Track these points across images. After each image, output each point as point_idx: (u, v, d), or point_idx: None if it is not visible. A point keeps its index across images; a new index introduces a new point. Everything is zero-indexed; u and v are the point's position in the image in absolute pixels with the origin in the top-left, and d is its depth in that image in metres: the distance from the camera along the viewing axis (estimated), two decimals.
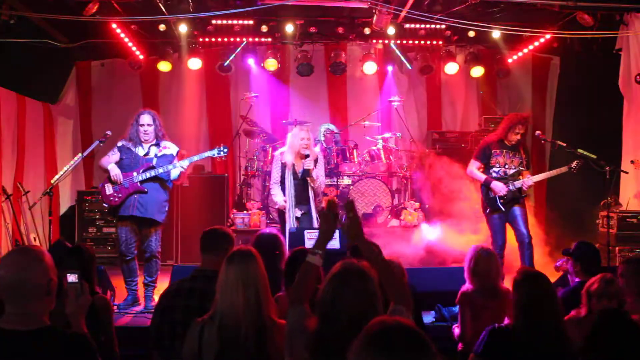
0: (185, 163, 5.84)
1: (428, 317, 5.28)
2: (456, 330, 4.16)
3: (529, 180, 6.19)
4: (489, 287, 3.97)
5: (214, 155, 6.13)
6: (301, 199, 6.35)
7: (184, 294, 3.29)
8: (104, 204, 6.05)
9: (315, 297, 2.45)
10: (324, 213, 2.74)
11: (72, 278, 2.51)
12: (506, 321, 3.28)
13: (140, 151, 5.88)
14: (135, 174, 5.75)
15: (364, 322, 2.25)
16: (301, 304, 2.55)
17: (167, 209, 6.00)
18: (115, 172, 5.73)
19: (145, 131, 5.84)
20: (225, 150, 6.14)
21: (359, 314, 2.25)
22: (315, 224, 6.46)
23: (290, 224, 6.25)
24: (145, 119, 5.87)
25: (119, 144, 5.94)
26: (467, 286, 4.08)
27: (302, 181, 6.34)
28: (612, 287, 3.31)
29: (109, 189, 5.76)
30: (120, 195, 5.73)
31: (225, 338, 2.68)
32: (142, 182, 5.75)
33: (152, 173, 5.75)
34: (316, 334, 2.34)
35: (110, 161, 5.82)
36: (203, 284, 3.25)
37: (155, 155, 5.89)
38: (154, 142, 5.94)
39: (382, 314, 2.31)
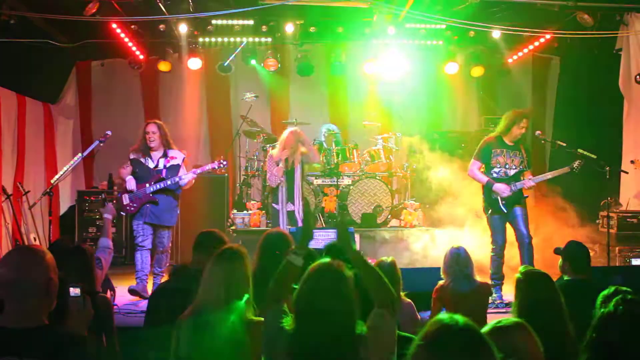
0: (189, 176, 6.50)
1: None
2: None
3: (530, 181, 6.17)
4: (462, 281, 4.39)
5: (215, 167, 6.78)
6: (290, 196, 6.85)
7: (168, 294, 3.31)
8: (122, 212, 6.67)
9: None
10: (306, 215, 2.79)
11: (74, 292, 2.50)
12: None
13: (150, 163, 6.50)
14: (147, 185, 6.40)
15: (338, 321, 2.27)
16: (279, 303, 2.55)
17: (178, 212, 6.71)
18: (131, 184, 6.41)
19: (150, 138, 6.42)
20: (225, 163, 6.77)
21: (333, 312, 2.28)
22: (299, 221, 6.64)
23: (283, 221, 6.56)
24: (151, 127, 6.50)
25: (130, 156, 6.55)
26: (441, 282, 4.53)
27: (291, 179, 6.80)
28: None
29: (126, 200, 6.42)
30: (135, 205, 6.40)
31: (201, 333, 2.68)
32: (153, 193, 6.39)
33: (162, 185, 6.41)
34: (292, 332, 2.35)
35: (128, 172, 6.47)
36: (186, 283, 3.27)
37: (165, 166, 6.50)
38: (162, 153, 6.52)
39: (355, 313, 2.34)
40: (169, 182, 6.39)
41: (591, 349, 2.01)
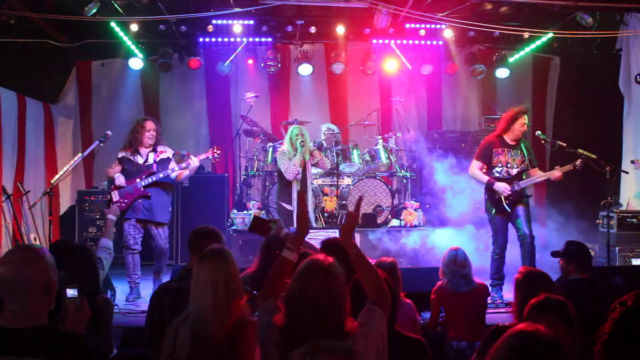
0: (181, 168, 6.34)
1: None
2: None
3: (528, 181, 6.17)
4: (460, 282, 4.45)
5: (208, 158, 6.61)
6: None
7: (171, 294, 3.32)
8: None
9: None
10: (300, 211, 2.81)
11: (71, 292, 2.49)
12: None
13: (139, 159, 6.35)
14: (138, 180, 6.23)
15: (328, 317, 2.28)
16: (272, 298, 2.56)
17: (170, 209, 6.58)
18: (119, 180, 6.23)
19: (151, 136, 6.32)
20: (218, 153, 6.57)
21: (323, 309, 2.29)
22: (313, 221, 6.57)
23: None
24: (151, 124, 6.37)
25: (119, 155, 6.39)
26: (439, 282, 4.59)
27: (303, 177, 6.71)
28: None
29: (115, 196, 6.24)
30: (126, 200, 6.20)
31: (197, 338, 2.66)
32: (145, 187, 6.23)
33: (153, 178, 6.24)
34: (283, 328, 2.36)
35: (116, 171, 6.31)
36: (188, 283, 3.28)
37: (154, 161, 6.36)
38: (151, 148, 6.39)
39: (346, 308, 2.35)
40: (160, 175, 6.24)
41: (608, 346, 2.01)
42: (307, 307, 2.31)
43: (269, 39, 9.11)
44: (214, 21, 8.60)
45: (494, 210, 6.16)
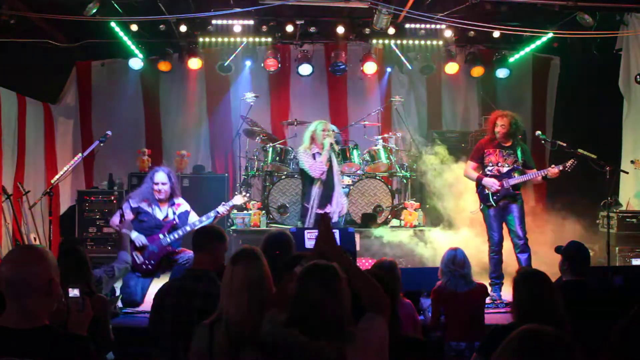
0: (210, 219, 5.80)
1: None
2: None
3: (519, 178, 6.20)
4: (459, 282, 4.44)
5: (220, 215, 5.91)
6: (328, 195, 6.68)
7: (174, 293, 3.33)
8: (137, 273, 5.71)
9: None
10: (320, 229, 2.82)
11: (73, 292, 2.50)
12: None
13: (159, 213, 5.80)
14: (161, 236, 5.69)
15: (327, 314, 2.33)
16: (278, 308, 2.57)
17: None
18: (140, 240, 5.62)
19: (159, 190, 5.73)
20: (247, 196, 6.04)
21: (322, 306, 2.34)
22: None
23: (309, 221, 6.34)
24: (160, 176, 5.76)
25: (133, 205, 5.75)
26: (439, 282, 4.57)
27: (330, 176, 6.63)
28: None
29: (139, 258, 5.66)
30: (152, 262, 5.65)
31: (234, 339, 2.67)
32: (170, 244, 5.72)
33: (180, 233, 5.71)
34: (284, 322, 2.41)
35: (128, 226, 5.62)
36: (192, 283, 3.31)
37: (174, 214, 5.84)
38: (169, 202, 5.85)
39: (345, 309, 2.39)
40: (187, 229, 5.64)
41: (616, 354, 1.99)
42: (308, 304, 2.35)
43: (269, 39, 9.11)
44: (214, 21, 8.60)
45: (482, 205, 6.25)
